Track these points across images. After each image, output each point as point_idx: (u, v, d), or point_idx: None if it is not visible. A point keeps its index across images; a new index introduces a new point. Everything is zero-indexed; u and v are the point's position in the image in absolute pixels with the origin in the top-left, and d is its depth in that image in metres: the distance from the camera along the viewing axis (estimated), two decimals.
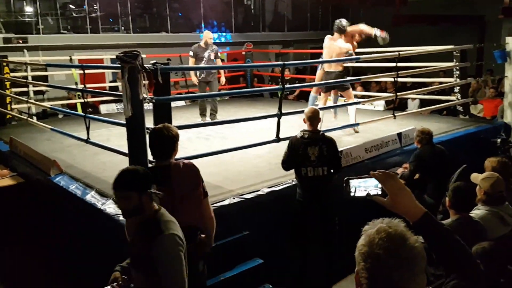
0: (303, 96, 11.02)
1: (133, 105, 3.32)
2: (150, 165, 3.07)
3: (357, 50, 6.95)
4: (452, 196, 3.39)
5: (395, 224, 1.33)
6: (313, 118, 4.34)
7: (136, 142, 3.55)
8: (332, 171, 4.35)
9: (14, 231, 5.45)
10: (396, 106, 9.18)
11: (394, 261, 1.24)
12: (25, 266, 5.05)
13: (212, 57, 7.52)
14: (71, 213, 4.76)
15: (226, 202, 4.17)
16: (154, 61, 3.78)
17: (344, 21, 6.57)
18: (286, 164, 4.40)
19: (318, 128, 4.41)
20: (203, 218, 3.07)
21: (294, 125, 5.20)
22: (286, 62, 5.01)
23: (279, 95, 5.13)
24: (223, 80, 7.97)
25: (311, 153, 4.21)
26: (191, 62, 7.46)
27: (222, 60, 9.51)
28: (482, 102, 9.27)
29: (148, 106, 4.00)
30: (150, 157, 3.71)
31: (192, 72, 7.59)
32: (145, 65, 3.41)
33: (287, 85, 5.16)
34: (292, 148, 4.30)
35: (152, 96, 3.76)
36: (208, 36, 7.52)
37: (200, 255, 3.13)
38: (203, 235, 3.15)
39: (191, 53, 7.46)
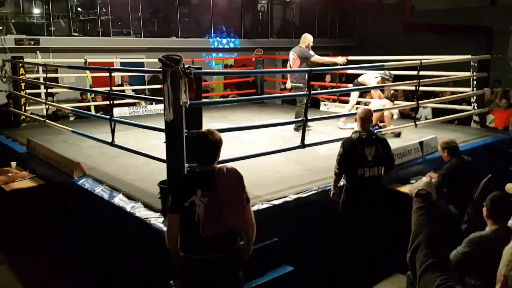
0: (311, 103, 11.02)
1: (174, 109, 3.31)
2: (195, 170, 3.03)
3: (378, 57, 7.08)
4: (490, 205, 3.38)
5: None
6: (366, 119, 4.39)
7: (175, 146, 3.53)
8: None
9: (35, 233, 5.43)
10: (408, 114, 9.24)
11: None
12: (47, 268, 5.01)
13: None
14: (95, 215, 4.74)
15: (254, 208, 4.14)
16: (188, 65, 3.77)
17: None
18: (342, 165, 4.34)
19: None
20: (245, 224, 3.03)
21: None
22: (313, 68, 5.03)
23: (305, 101, 5.13)
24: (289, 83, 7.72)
25: (367, 153, 4.24)
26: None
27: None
28: (494, 113, 9.30)
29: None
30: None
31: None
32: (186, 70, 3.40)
33: (313, 91, 5.14)
34: (349, 148, 4.29)
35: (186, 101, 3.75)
36: (311, 39, 7.37)
37: (240, 262, 3.10)
38: (242, 242, 3.13)
39: (311, 52, 7.30)
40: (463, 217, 4.77)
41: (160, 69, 3.38)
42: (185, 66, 3.65)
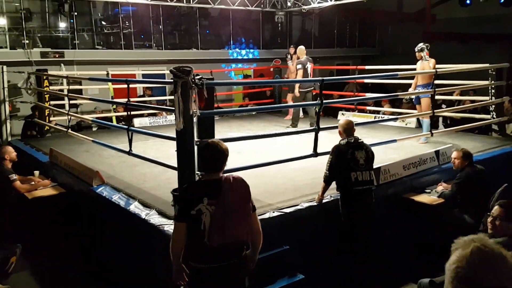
0: (330, 112, 11.06)
1: (185, 119, 3.42)
2: (202, 179, 3.11)
3: (395, 67, 7.30)
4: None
5: (489, 243, 1.28)
6: (348, 128, 4.44)
7: (186, 155, 3.64)
8: None
9: (56, 240, 5.59)
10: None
11: (496, 281, 1.21)
12: (66, 272, 5.16)
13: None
14: (113, 222, 4.87)
15: (266, 216, 4.21)
16: (200, 76, 3.87)
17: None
18: (333, 171, 4.35)
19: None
20: (252, 232, 3.07)
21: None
22: (325, 78, 5.08)
23: (317, 110, 5.19)
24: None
25: (359, 157, 4.26)
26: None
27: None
28: None
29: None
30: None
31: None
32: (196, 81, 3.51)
33: (325, 101, 5.18)
34: (339, 153, 4.32)
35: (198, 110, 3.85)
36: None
37: (245, 270, 3.12)
38: (248, 251, 3.14)
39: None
40: (479, 226, 4.71)
41: (171, 80, 3.50)
42: (197, 76, 3.76)
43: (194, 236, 2.92)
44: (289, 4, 13.82)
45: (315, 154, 5.03)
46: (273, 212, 4.28)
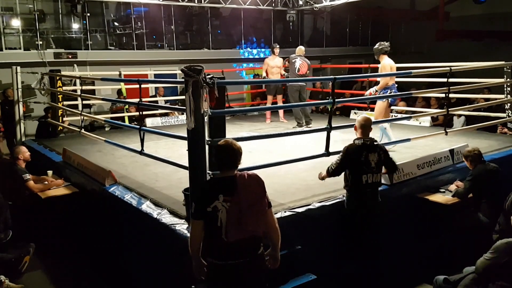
0: (342, 111, 11.00)
1: (196, 118, 3.41)
2: (217, 177, 3.10)
3: (408, 65, 7.19)
4: None
5: None
6: (366, 126, 4.37)
7: (197, 154, 3.63)
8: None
9: (69, 239, 5.63)
10: (442, 123, 9.04)
11: None
12: (79, 271, 5.20)
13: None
14: (125, 221, 4.88)
15: (277, 216, 4.15)
16: (211, 75, 3.85)
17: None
18: (340, 168, 4.32)
19: None
20: (268, 228, 3.09)
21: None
22: (336, 76, 5.04)
23: (329, 109, 5.14)
24: None
25: (371, 160, 4.23)
26: None
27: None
28: None
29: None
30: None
31: None
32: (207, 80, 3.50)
33: (337, 99, 5.14)
34: (352, 155, 4.27)
35: (209, 109, 3.83)
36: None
37: (264, 269, 3.12)
38: (268, 250, 3.15)
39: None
40: (494, 226, 4.63)
41: (183, 80, 3.49)
42: (207, 76, 3.75)
43: (212, 233, 2.94)
44: (300, 2, 13.77)
45: (327, 153, 4.98)
46: (285, 211, 4.25)
